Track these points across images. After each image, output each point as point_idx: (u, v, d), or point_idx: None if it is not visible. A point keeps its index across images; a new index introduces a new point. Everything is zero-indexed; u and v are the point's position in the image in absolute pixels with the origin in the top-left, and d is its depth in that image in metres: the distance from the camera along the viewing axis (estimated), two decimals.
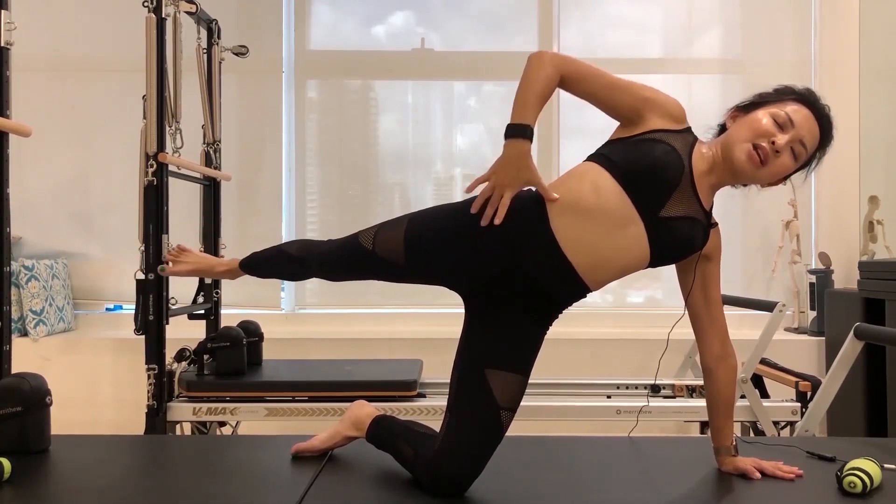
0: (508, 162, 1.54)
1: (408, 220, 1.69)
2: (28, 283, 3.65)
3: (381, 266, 1.71)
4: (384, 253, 1.68)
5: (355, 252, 1.73)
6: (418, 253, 1.67)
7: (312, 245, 1.86)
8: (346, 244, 1.75)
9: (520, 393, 1.63)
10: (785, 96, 1.65)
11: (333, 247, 1.80)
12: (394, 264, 1.69)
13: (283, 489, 1.65)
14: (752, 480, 1.68)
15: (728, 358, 1.75)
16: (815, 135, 1.63)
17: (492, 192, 1.54)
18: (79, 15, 3.97)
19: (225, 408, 2.71)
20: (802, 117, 1.61)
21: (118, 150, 3.86)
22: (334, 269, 1.83)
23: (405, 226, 1.68)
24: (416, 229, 1.67)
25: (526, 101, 1.54)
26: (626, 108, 1.61)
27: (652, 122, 1.60)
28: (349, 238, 1.75)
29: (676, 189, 1.58)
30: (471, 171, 4.15)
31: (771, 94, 1.66)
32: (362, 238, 1.72)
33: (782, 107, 1.62)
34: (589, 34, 4.08)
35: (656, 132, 1.59)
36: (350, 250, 1.74)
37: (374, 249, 1.69)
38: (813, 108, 1.63)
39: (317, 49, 4.12)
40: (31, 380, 1.94)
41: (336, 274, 1.86)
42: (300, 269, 1.86)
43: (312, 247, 1.85)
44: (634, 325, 3.88)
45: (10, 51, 2.13)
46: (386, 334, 3.76)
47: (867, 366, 3.26)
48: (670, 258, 1.66)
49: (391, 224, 1.71)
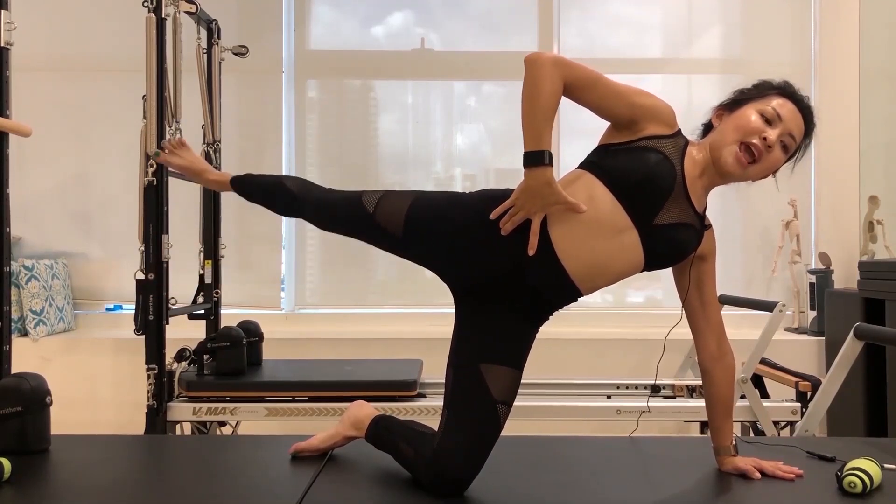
0: (534, 192, 1.53)
1: (414, 198, 1.69)
2: (28, 283, 3.65)
3: (376, 232, 1.70)
4: (383, 221, 1.68)
5: (355, 210, 1.71)
6: (417, 233, 1.67)
7: (313, 187, 1.82)
8: (348, 199, 1.74)
9: (514, 387, 1.64)
10: (767, 91, 1.66)
11: (334, 197, 1.78)
12: (390, 235, 1.69)
13: (283, 489, 1.65)
14: (752, 480, 1.68)
15: (725, 357, 1.75)
16: (800, 126, 1.65)
17: (517, 213, 1.55)
18: (79, 15, 3.97)
19: (225, 408, 2.71)
20: (788, 110, 1.63)
21: (118, 150, 3.86)
22: (329, 219, 1.80)
23: (410, 202, 1.68)
24: (420, 209, 1.67)
25: (536, 124, 1.51)
26: (624, 117, 1.61)
27: (646, 129, 1.60)
28: (352, 194, 1.74)
29: (669, 197, 1.58)
30: (471, 171, 4.15)
31: (752, 90, 1.68)
32: (366, 199, 1.71)
33: (767, 102, 1.63)
34: (589, 34, 4.08)
35: (649, 139, 1.59)
36: (350, 207, 1.73)
37: (373, 214, 1.69)
38: (794, 99, 1.66)
39: (317, 49, 4.12)
40: (31, 380, 1.94)
41: (329, 224, 1.81)
42: (293, 205, 1.82)
43: (312, 189, 1.81)
44: (634, 325, 3.88)
45: (10, 51, 2.14)
46: (386, 334, 3.76)
47: (867, 366, 3.26)
48: (665, 263, 1.67)
49: (397, 195, 1.70)
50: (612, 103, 1.60)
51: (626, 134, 1.61)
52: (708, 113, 1.73)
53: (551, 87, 1.52)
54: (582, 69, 1.58)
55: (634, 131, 1.60)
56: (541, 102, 1.52)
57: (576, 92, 1.58)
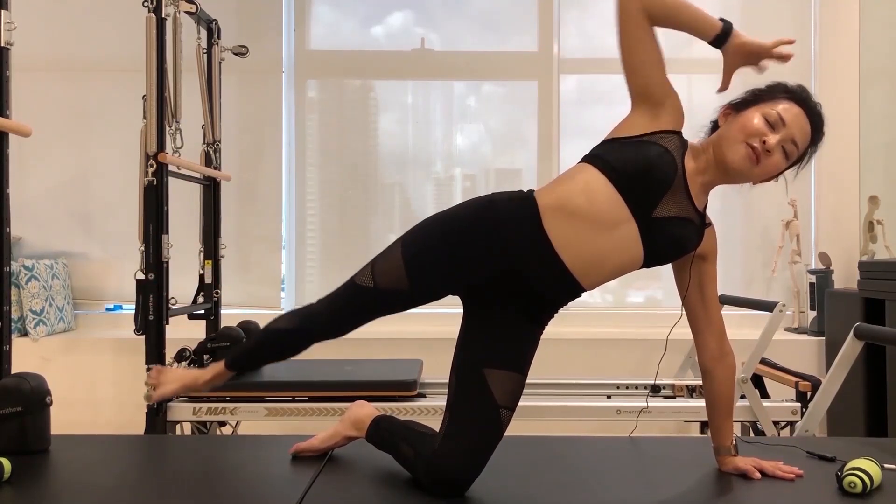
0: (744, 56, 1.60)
1: (401, 244, 1.65)
2: (28, 283, 3.65)
3: (387, 299, 1.65)
4: (387, 285, 1.63)
5: (356, 296, 1.66)
6: (421, 272, 1.63)
7: (303, 311, 1.74)
8: (344, 293, 1.68)
9: (518, 392, 1.63)
10: (777, 94, 1.65)
11: (330, 301, 1.70)
12: (399, 293, 1.64)
13: (283, 489, 1.65)
14: (752, 480, 1.68)
15: (726, 357, 1.75)
16: (806, 133, 1.63)
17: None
18: (79, 15, 3.97)
19: (225, 408, 2.71)
20: (793, 116, 1.61)
21: (118, 150, 3.86)
22: (338, 323, 1.69)
23: (400, 250, 1.64)
24: (412, 249, 1.64)
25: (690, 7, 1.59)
26: (656, 89, 1.61)
27: (661, 118, 1.61)
28: (344, 286, 1.69)
29: (669, 189, 1.58)
30: (471, 171, 4.15)
31: (763, 92, 1.67)
32: (359, 279, 1.66)
33: (774, 105, 1.62)
34: (589, 34, 4.07)
35: (655, 134, 1.60)
36: (350, 296, 1.67)
37: (375, 285, 1.64)
38: (804, 105, 1.64)
39: (317, 49, 4.12)
40: (31, 380, 1.94)
41: (341, 327, 1.70)
42: (298, 339, 1.72)
43: (304, 312, 1.73)
44: (634, 325, 3.88)
45: (10, 51, 2.13)
46: (386, 334, 3.75)
47: (867, 366, 3.26)
48: (664, 258, 1.66)
49: (384, 255, 1.66)
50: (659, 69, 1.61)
51: (637, 127, 1.61)
52: (716, 111, 1.71)
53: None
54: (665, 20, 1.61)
55: (649, 121, 1.61)
56: None
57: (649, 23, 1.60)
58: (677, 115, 1.64)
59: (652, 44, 1.61)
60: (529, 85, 4.06)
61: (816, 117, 1.64)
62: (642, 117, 1.62)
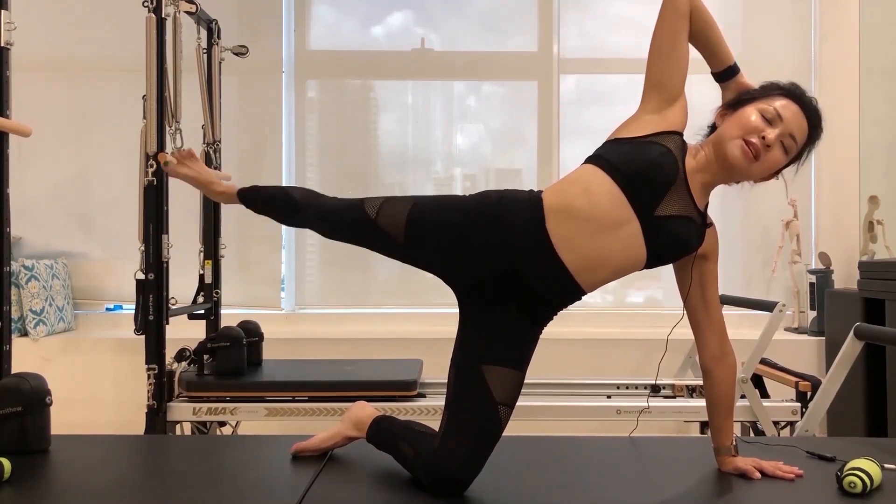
0: None
1: (413, 203, 1.69)
2: (28, 283, 3.65)
3: (379, 238, 1.71)
4: (385, 225, 1.68)
5: (357, 217, 1.72)
6: (418, 237, 1.67)
7: (316, 196, 1.85)
8: (351, 206, 1.75)
9: (517, 389, 1.64)
10: (771, 92, 1.66)
11: (337, 205, 1.79)
12: (391, 240, 1.69)
13: (283, 489, 1.65)
14: (752, 480, 1.68)
15: (727, 357, 1.75)
16: (803, 128, 1.64)
17: None
18: (79, 15, 3.97)
19: (225, 408, 2.71)
20: (791, 112, 1.63)
21: (118, 150, 3.86)
22: (331, 226, 1.81)
23: (410, 206, 1.68)
24: (420, 213, 1.67)
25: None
26: (675, 85, 1.66)
27: (667, 119, 1.63)
28: (355, 201, 1.75)
29: (671, 188, 1.59)
30: (470, 171, 4.15)
31: (757, 91, 1.68)
32: (367, 205, 1.71)
33: (770, 102, 1.64)
34: (589, 34, 4.07)
35: (658, 135, 1.61)
36: (353, 213, 1.74)
37: (376, 219, 1.69)
38: (800, 101, 1.65)
39: (317, 49, 4.12)
40: (31, 380, 1.94)
41: (332, 231, 1.82)
42: (297, 215, 1.84)
43: (316, 198, 1.84)
44: (634, 325, 3.88)
45: (10, 51, 2.13)
46: (386, 334, 3.77)
47: (867, 366, 3.26)
48: (666, 258, 1.67)
49: (398, 200, 1.71)
50: (684, 66, 1.67)
51: (643, 126, 1.63)
52: (712, 114, 1.73)
53: None
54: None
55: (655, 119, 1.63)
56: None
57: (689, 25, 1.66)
58: (683, 115, 1.67)
59: (685, 43, 1.67)
60: (529, 85, 4.06)
61: (813, 112, 1.66)
62: (651, 114, 1.64)
